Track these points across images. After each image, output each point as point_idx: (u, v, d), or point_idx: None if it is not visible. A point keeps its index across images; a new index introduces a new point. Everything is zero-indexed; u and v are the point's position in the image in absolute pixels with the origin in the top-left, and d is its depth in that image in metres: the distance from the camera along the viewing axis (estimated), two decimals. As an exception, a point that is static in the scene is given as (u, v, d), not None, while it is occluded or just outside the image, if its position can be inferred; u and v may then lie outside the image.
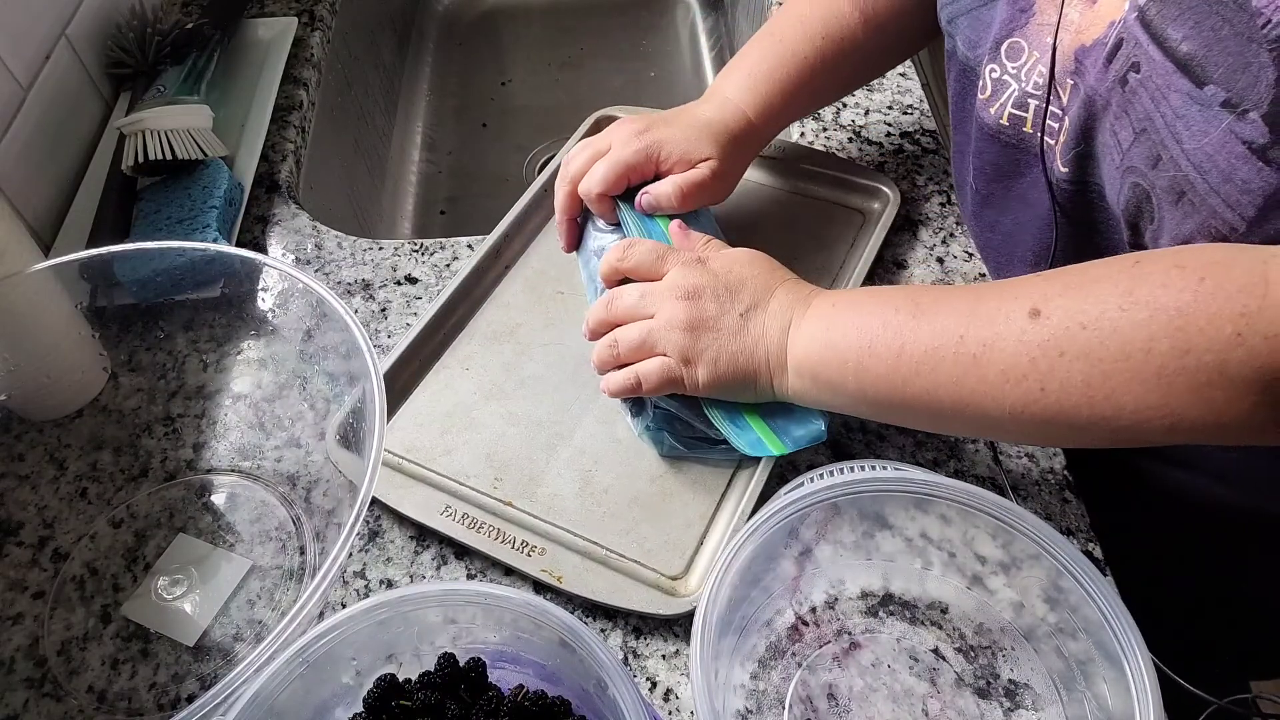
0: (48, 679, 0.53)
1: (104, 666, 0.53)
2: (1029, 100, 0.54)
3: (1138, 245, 0.49)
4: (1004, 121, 0.56)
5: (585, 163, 0.62)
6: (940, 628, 0.51)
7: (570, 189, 0.63)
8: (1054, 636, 0.47)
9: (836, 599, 0.52)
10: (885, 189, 0.72)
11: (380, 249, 0.74)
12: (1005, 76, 0.55)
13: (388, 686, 0.44)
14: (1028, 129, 0.55)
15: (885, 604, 0.52)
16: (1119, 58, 0.45)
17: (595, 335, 0.59)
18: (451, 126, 1.17)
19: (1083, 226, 0.54)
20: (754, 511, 0.55)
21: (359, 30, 1.07)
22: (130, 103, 0.81)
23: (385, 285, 0.72)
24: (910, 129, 0.80)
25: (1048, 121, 0.53)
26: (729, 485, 0.58)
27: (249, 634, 0.55)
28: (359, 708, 0.44)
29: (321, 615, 0.46)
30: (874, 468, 0.52)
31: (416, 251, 0.74)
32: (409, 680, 0.45)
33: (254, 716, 0.40)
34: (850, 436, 0.61)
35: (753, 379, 0.54)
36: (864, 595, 0.52)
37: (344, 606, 0.48)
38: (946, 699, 0.49)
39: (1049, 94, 0.52)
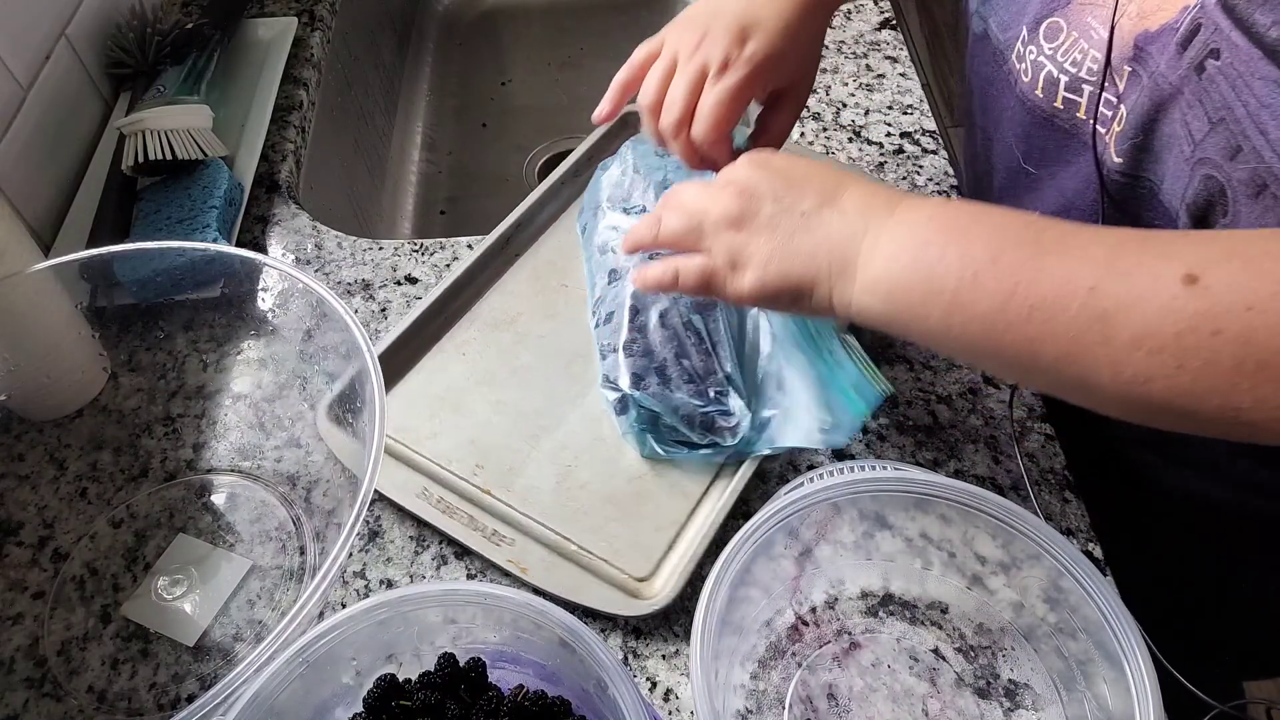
0: (48, 679, 0.53)
1: (104, 666, 0.53)
2: (1083, 85, 0.51)
3: None
4: (1058, 104, 0.53)
5: (658, 90, 0.55)
6: (940, 628, 0.51)
7: (653, 122, 0.56)
8: (1054, 636, 0.47)
9: (836, 599, 0.52)
10: None
11: (380, 249, 0.74)
12: (1042, 58, 0.53)
13: (388, 686, 0.44)
14: (1081, 114, 0.52)
15: (885, 604, 0.52)
16: (1195, 44, 0.43)
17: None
18: (451, 126, 1.17)
19: (1127, 220, 0.52)
20: (726, 520, 0.55)
21: (359, 30, 1.07)
22: (130, 103, 0.81)
23: (385, 285, 0.72)
24: (910, 129, 0.80)
25: (1101, 109, 0.50)
26: (705, 493, 0.58)
27: (249, 634, 0.55)
28: (359, 708, 0.44)
29: (321, 615, 0.46)
30: (874, 468, 0.52)
31: (416, 251, 0.74)
32: (409, 680, 0.45)
33: (254, 716, 0.40)
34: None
35: (808, 289, 0.47)
36: (864, 595, 0.52)
37: (344, 606, 0.48)
38: (946, 699, 0.49)
39: (1103, 80, 0.49)
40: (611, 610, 0.52)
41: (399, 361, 0.64)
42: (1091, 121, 0.50)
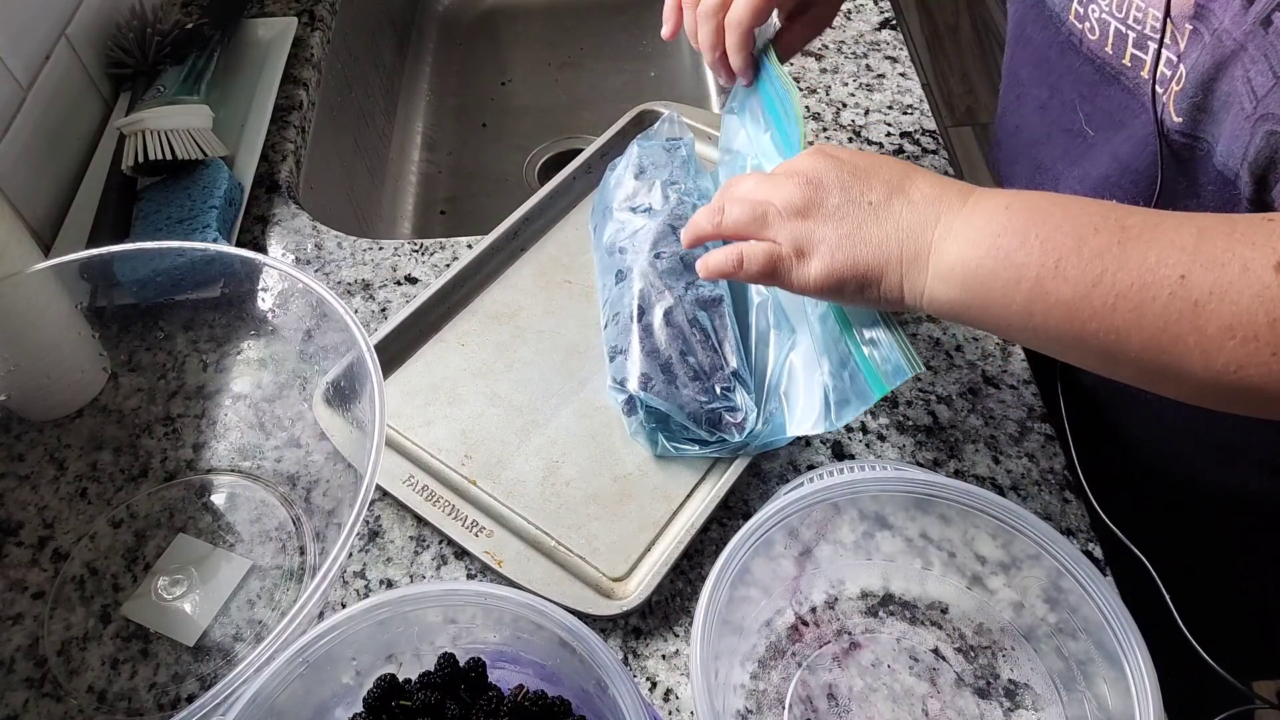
0: (48, 679, 0.53)
1: (104, 666, 0.53)
2: (1148, 42, 0.50)
3: (1259, 201, 0.46)
4: (1126, 61, 0.52)
5: None
6: (940, 628, 0.51)
7: (692, 12, 0.59)
8: (1054, 636, 0.47)
9: (836, 599, 0.52)
10: None
11: (380, 249, 0.74)
12: (1105, 15, 0.53)
13: (388, 686, 0.44)
14: (1145, 74, 0.51)
15: (885, 604, 0.52)
16: None
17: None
18: (451, 126, 1.17)
19: (1181, 184, 0.51)
20: (706, 524, 0.55)
21: (359, 30, 1.07)
22: (130, 103, 0.81)
23: (385, 285, 0.72)
24: (910, 129, 0.80)
25: (1161, 69, 0.49)
26: (689, 495, 0.58)
27: (249, 634, 0.55)
28: (359, 708, 0.44)
29: (321, 615, 0.46)
30: (874, 468, 0.52)
31: (416, 251, 0.74)
32: (409, 680, 0.45)
33: (254, 716, 0.40)
34: (850, 436, 0.61)
35: (877, 278, 0.47)
36: (864, 595, 0.52)
37: (344, 606, 0.48)
38: (946, 699, 0.49)
39: (1162, 38, 0.49)
40: (582, 608, 0.52)
41: (399, 347, 0.65)
42: (1151, 81, 0.50)
